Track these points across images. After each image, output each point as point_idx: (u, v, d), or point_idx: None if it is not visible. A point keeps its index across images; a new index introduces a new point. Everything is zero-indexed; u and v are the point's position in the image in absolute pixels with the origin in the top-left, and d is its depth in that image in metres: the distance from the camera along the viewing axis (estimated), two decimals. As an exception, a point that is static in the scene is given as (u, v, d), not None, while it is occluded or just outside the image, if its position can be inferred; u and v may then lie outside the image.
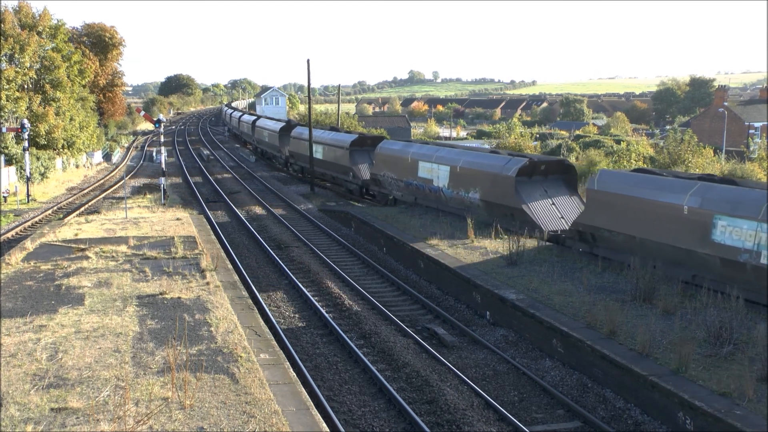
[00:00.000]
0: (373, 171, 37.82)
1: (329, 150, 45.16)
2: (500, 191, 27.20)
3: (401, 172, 34.09)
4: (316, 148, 47.02)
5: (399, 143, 37.28)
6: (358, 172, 41.16)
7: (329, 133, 47.20)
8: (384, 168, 36.10)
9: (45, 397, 11.33)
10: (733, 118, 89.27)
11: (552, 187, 27.52)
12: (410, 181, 33.37)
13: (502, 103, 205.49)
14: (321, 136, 47.40)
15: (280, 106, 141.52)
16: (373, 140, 42.66)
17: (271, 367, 13.27)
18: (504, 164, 27.52)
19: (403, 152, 34.35)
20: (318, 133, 48.41)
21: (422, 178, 32.25)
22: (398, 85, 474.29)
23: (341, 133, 46.72)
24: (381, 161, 36.57)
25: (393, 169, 35.07)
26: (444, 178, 30.56)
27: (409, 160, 33.22)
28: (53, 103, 55.20)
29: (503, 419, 13.68)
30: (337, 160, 43.81)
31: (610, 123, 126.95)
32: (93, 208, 37.79)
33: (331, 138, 45.59)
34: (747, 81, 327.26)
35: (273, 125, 64.68)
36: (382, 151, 36.86)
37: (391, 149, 36.11)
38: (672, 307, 17.10)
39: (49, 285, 18.25)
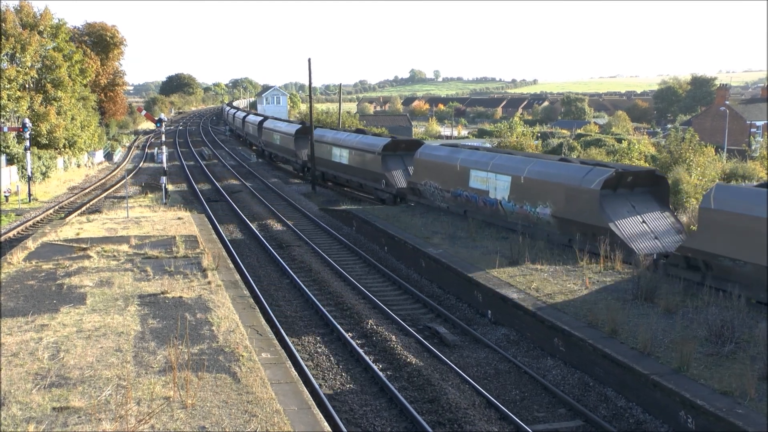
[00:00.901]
0: (412, 179, 34.13)
1: (357, 155, 41.14)
2: (580, 207, 23.62)
3: (448, 181, 30.60)
4: (339, 152, 43.95)
5: (444, 148, 33.79)
6: (391, 180, 37.15)
7: (356, 136, 43.06)
8: (425, 176, 32.56)
9: (47, 396, 11.33)
10: (734, 117, 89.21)
11: (640, 201, 23.93)
12: (459, 192, 29.81)
13: (503, 102, 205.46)
14: (346, 140, 43.45)
15: (281, 105, 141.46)
16: (408, 144, 39.38)
17: (273, 366, 13.28)
18: (584, 175, 24.01)
19: (450, 159, 30.95)
20: (341, 136, 45.01)
21: (475, 189, 28.68)
22: (399, 84, 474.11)
23: (370, 136, 42.85)
24: (422, 168, 33.00)
25: (437, 178, 31.50)
26: (503, 189, 27.00)
27: (459, 168, 29.71)
28: (54, 102, 55.24)
29: (505, 418, 13.68)
30: (365, 165, 39.87)
31: (611, 122, 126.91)
32: (94, 207, 37.82)
33: (359, 141, 41.51)
34: (748, 79, 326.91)
35: (286, 127, 59.95)
36: (423, 157, 33.30)
37: (435, 155, 32.57)
38: (673, 306, 17.10)
39: (50, 284, 18.26)
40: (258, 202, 41.60)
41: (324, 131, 49.65)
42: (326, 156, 45.91)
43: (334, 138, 45.45)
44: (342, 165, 43.53)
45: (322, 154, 46.45)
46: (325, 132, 48.96)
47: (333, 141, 45.08)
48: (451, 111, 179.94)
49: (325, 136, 47.06)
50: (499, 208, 27.42)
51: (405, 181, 36.11)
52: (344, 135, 45.03)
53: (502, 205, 27.13)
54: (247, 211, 38.13)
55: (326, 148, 45.86)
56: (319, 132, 49.21)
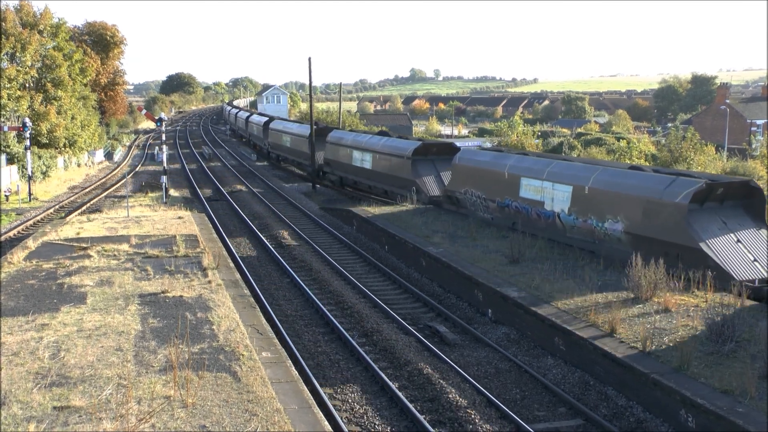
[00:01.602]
0: (450, 187, 31.27)
1: (382, 159, 37.97)
2: (660, 223, 20.61)
3: (493, 189, 27.58)
4: (360, 156, 40.55)
5: (488, 153, 30.50)
6: (423, 187, 33.96)
7: (380, 139, 39.77)
8: (465, 183, 29.54)
9: (47, 395, 11.34)
10: (734, 116, 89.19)
11: (731, 217, 20.63)
12: (507, 202, 26.77)
13: (503, 101, 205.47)
14: (369, 143, 40.11)
15: (281, 104, 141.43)
16: (439, 148, 36.36)
17: (273, 365, 13.28)
18: (666, 187, 20.80)
19: (497, 165, 27.93)
20: (363, 139, 41.67)
21: (527, 200, 25.68)
22: (400, 83, 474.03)
23: (396, 139, 39.53)
24: (461, 175, 30.01)
25: (480, 186, 28.48)
26: (563, 200, 23.98)
27: (507, 176, 26.71)
28: (55, 101, 55.25)
29: (505, 417, 13.68)
30: (393, 171, 36.66)
31: (611, 121, 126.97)
32: (95, 206, 37.82)
33: (385, 145, 38.28)
34: (749, 78, 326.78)
35: (298, 129, 55.98)
36: (463, 162, 30.29)
37: (478, 161, 29.50)
38: (674, 305, 17.08)
39: (51, 284, 18.26)
40: (258, 201, 41.60)
41: (342, 133, 46.71)
42: (345, 160, 42.71)
43: (354, 141, 42.16)
44: (364, 170, 40.35)
45: (340, 157, 43.59)
46: (344, 134, 45.80)
47: (353, 144, 41.87)
48: (451, 110, 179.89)
49: (343, 139, 43.93)
50: (556, 222, 24.23)
51: (437, 189, 33.64)
52: (366, 137, 41.66)
53: (561, 219, 23.96)
54: (247, 210, 38.14)
55: (345, 152, 42.70)
56: (337, 134, 46.41)
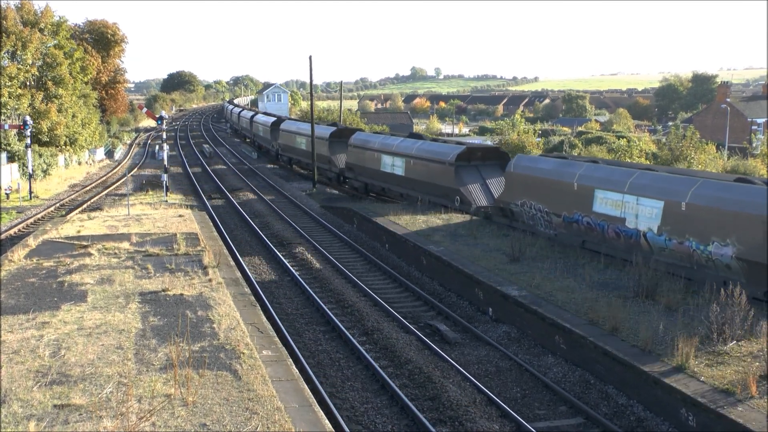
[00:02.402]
0: (503, 198, 27.69)
1: (418, 165, 34.13)
2: None
3: (558, 202, 24.30)
4: (391, 161, 36.73)
5: (551, 160, 26.42)
6: (467, 196, 30.45)
7: (414, 142, 35.90)
8: (522, 194, 26.19)
9: (48, 393, 11.33)
10: (735, 114, 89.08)
11: None
12: (576, 217, 23.49)
13: (504, 100, 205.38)
14: (402, 147, 36.31)
15: (282, 102, 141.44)
16: (485, 153, 33.03)
17: (274, 363, 13.28)
18: None
19: (563, 174, 24.35)
20: (393, 142, 37.78)
21: (602, 215, 22.34)
22: (400, 81, 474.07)
23: (435, 143, 35.85)
24: (518, 185, 26.49)
25: (541, 197, 25.21)
26: (650, 217, 20.59)
27: (576, 187, 23.40)
28: (55, 100, 55.22)
29: (506, 416, 13.68)
30: (431, 178, 32.94)
31: (612, 119, 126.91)
32: (95, 204, 37.81)
33: (421, 149, 34.64)
34: (749, 77, 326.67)
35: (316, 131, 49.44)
36: (519, 170, 26.66)
37: (539, 169, 25.87)
38: (674, 304, 17.09)
39: (51, 282, 18.26)
40: (259, 199, 41.59)
41: (368, 135, 42.68)
42: (371, 165, 38.82)
43: (383, 144, 38.12)
44: (396, 176, 36.41)
45: (365, 162, 39.63)
46: (370, 136, 41.62)
47: (382, 147, 37.82)
48: (452, 108, 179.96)
49: (370, 142, 39.93)
50: (641, 242, 20.95)
51: (484, 198, 30.55)
52: (397, 140, 37.80)
53: (648, 239, 20.66)
54: (248, 208, 38.13)
55: (372, 156, 38.69)
56: (361, 137, 42.47)
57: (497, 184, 30.92)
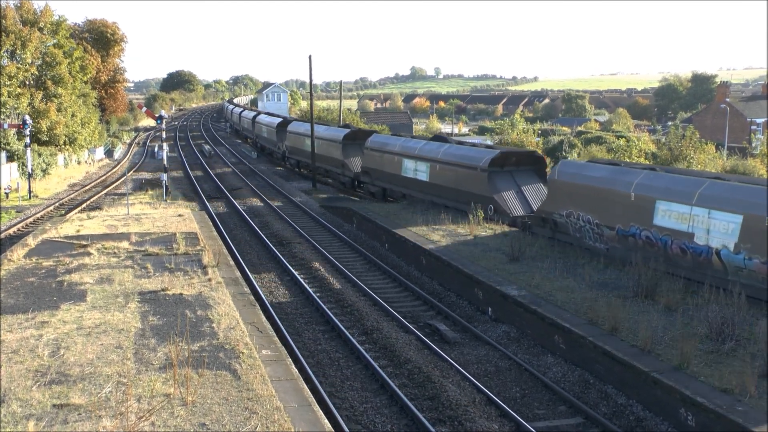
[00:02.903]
0: (545, 207, 25.04)
1: (446, 171, 31.51)
2: None
3: (611, 213, 21.79)
4: (414, 165, 34.11)
5: (601, 167, 23.71)
6: (503, 205, 27.99)
7: (441, 146, 33.14)
8: (568, 204, 23.71)
9: (47, 393, 11.33)
10: (735, 114, 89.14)
11: None
12: (633, 231, 20.98)
13: (504, 99, 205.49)
14: (425, 150, 33.70)
15: (281, 102, 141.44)
16: (519, 158, 30.15)
17: (273, 363, 13.28)
18: None
19: (616, 182, 21.90)
20: (416, 145, 35.09)
21: (666, 229, 20.01)
22: (400, 81, 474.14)
23: (464, 147, 33.36)
24: (563, 193, 23.98)
25: (590, 208, 22.68)
26: (725, 233, 18.25)
27: (633, 198, 21.03)
28: (55, 99, 55.22)
29: (505, 415, 13.68)
30: (461, 185, 30.31)
31: (612, 119, 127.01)
32: (95, 204, 37.80)
33: (449, 153, 31.89)
34: (749, 77, 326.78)
35: (326, 132, 47.53)
36: (565, 177, 24.18)
37: (588, 176, 23.23)
38: (674, 304, 17.09)
39: (50, 281, 18.25)
40: (258, 199, 41.59)
41: (386, 138, 39.91)
42: (391, 169, 36.27)
43: (404, 147, 35.38)
44: (418, 182, 33.69)
45: (383, 166, 37.10)
46: (389, 139, 38.89)
47: (403, 151, 35.07)
48: (452, 108, 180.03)
49: (389, 145, 37.17)
50: (713, 260, 18.70)
51: (521, 207, 28.15)
52: (420, 143, 35.14)
53: (721, 257, 18.41)
54: (247, 208, 38.14)
55: (391, 160, 36.13)
56: (379, 139, 39.56)
57: (533, 192, 28.73)
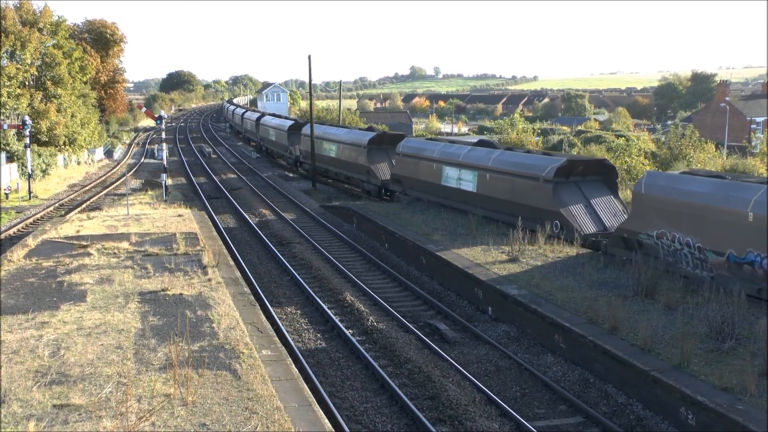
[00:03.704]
0: (629, 226, 21.66)
1: (497, 180, 27.54)
2: None
3: (720, 236, 18.36)
4: (457, 174, 30.05)
5: (702, 179, 20.08)
6: (570, 220, 24.06)
7: (490, 153, 29.11)
8: (659, 222, 20.37)
9: (47, 393, 11.33)
10: (734, 113, 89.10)
11: None
12: (750, 258, 17.50)
13: (503, 99, 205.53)
14: (471, 157, 29.68)
15: (281, 102, 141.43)
16: (586, 166, 25.96)
17: (273, 363, 13.28)
18: None
19: (728, 199, 18.40)
20: (459, 151, 30.90)
21: None
22: (400, 80, 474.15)
23: (518, 153, 28.93)
24: (653, 210, 20.64)
25: (689, 228, 19.31)
26: None
27: (752, 218, 17.48)
28: (54, 99, 55.20)
29: (505, 415, 13.68)
30: (518, 197, 26.37)
31: (611, 118, 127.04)
32: (95, 204, 37.80)
33: (500, 161, 27.89)
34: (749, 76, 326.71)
35: (348, 136, 43.48)
36: (655, 192, 20.73)
37: (687, 191, 19.75)
38: (674, 303, 17.09)
39: (50, 282, 18.25)
40: (258, 199, 41.58)
41: (421, 143, 35.60)
42: (428, 177, 32.46)
43: (444, 153, 31.58)
44: (464, 193, 29.72)
45: (419, 173, 33.33)
46: (425, 144, 34.67)
47: (444, 157, 31.40)
48: (451, 108, 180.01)
49: (425, 150, 33.30)
50: None
51: (591, 224, 24.44)
52: (464, 149, 30.78)
53: None
54: (247, 208, 38.13)
55: (428, 168, 32.35)
56: (413, 144, 35.63)
57: (604, 206, 25.26)
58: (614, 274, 20.16)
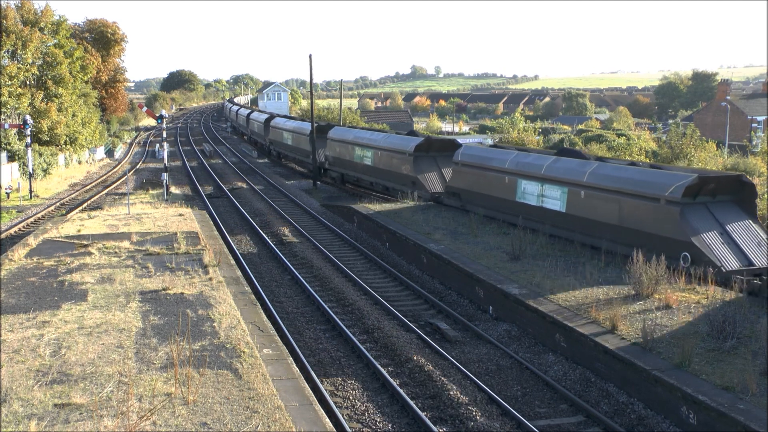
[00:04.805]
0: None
1: (595, 199, 22.67)
2: None
3: None
4: (540, 188, 25.12)
5: None
6: (706, 252, 19.14)
7: (585, 165, 23.98)
8: None
9: (48, 392, 11.34)
10: (735, 112, 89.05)
11: None
12: None
13: (504, 98, 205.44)
14: (558, 169, 24.66)
15: (282, 101, 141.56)
16: (720, 183, 20.98)
17: (274, 362, 13.28)
18: None
19: None
20: (541, 162, 25.83)
21: None
22: (400, 80, 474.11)
23: (625, 167, 23.17)
24: None
25: None
26: None
27: None
28: (55, 99, 55.21)
29: (506, 414, 13.68)
30: (625, 220, 21.70)
31: (612, 117, 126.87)
32: (95, 204, 37.82)
33: (602, 175, 22.84)
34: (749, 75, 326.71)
35: (390, 142, 37.62)
36: None
37: None
38: (675, 302, 17.06)
39: (51, 281, 18.26)
40: (259, 198, 41.59)
41: (486, 151, 30.52)
42: (500, 192, 27.48)
43: (520, 164, 26.69)
44: (549, 212, 24.85)
45: (485, 186, 28.55)
46: (491, 152, 29.69)
47: (520, 169, 26.50)
48: (452, 107, 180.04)
49: (492, 159, 28.48)
50: None
51: (732, 257, 19.25)
52: (545, 160, 25.77)
53: None
54: (248, 207, 38.13)
55: (499, 180, 27.48)
56: (475, 152, 30.54)
57: (743, 234, 20.29)
58: (615, 272, 19.95)
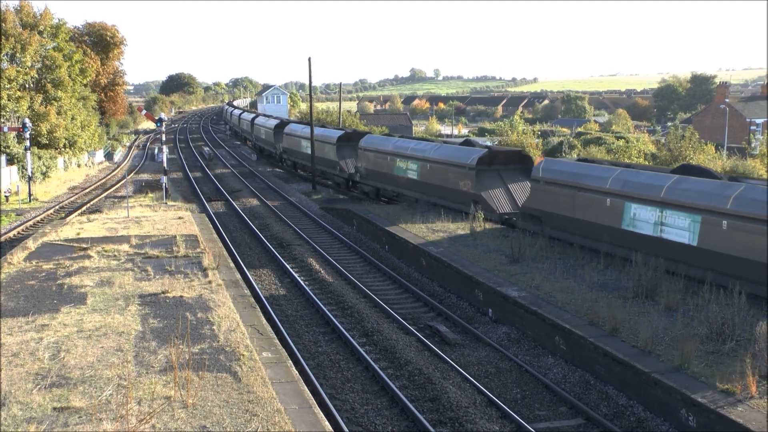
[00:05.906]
0: None
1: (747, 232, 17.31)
2: None
3: None
4: (660, 215, 19.86)
5: None
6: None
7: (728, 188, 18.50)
8: None
9: (47, 396, 11.33)
10: (734, 115, 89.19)
11: None
12: None
13: (503, 101, 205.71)
14: (694, 192, 19.11)
15: (281, 104, 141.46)
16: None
17: (274, 365, 13.27)
18: None
19: None
20: (659, 183, 20.36)
21: None
22: (400, 83, 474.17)
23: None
24: None
25: None
26: None
27: None
28: (55, 102, 55.23)
29: (506, 417, 13.67)
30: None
31: (611, 120, 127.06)
32: (95, 207, 37.79)
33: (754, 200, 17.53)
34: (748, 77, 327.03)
35: (441, 153, 32.41)
36: None
37: None
38: (674, 304, 17.08)
39: (51, 284, 18.25)
40: (259, 201, 41.58)
41: (581, 167, 24.31)
42: (601, 218, 22.19)
43: (627, 184, 21.38)
44: (672, 245, 19.61)
45: (579, 210, 23.14)
46: (587, 169, 23.88)
47: (627, 190, 21.23)
48: (451, 110, 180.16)
49: (587, 176, 23.21)
50: None
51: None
52: (665, 180, 20.40)
53: None
54: (247, 210, 38.14)
55: (600, 204, 22.18)
56: (564, 168, 24.82)
57: None
58: (614, 275, 20.06)
